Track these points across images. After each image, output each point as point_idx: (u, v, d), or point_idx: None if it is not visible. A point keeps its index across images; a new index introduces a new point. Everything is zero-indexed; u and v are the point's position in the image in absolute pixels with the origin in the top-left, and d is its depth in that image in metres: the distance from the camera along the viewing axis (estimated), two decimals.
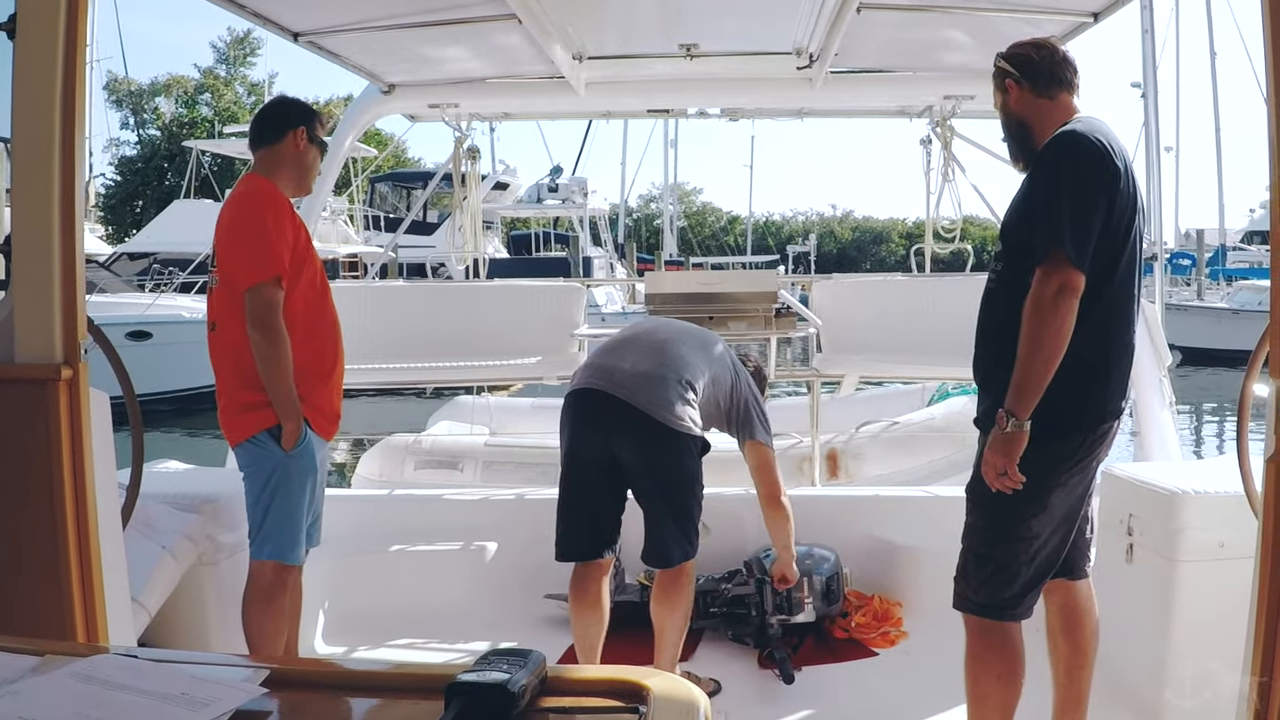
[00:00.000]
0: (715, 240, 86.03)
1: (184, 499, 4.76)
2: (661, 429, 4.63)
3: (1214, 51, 43.27)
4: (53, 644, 1.72)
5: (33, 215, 2.88)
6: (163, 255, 30.31)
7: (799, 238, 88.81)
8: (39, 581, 2.88)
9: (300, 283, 4.54)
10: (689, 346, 4.93)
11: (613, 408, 4.65)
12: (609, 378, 4.73)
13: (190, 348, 19.72)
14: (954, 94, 7.04)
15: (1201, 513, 4.34)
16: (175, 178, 50.78)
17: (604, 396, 4.68)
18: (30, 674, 1.55)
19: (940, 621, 4.40)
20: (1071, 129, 3.68)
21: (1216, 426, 23.26)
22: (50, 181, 2.86)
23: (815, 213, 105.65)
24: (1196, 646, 4.30)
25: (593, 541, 4.82)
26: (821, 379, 7.77)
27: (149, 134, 59.08)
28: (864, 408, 10.59)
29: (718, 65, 6.32)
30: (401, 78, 6.72)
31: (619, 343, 5.01)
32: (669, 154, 62.61)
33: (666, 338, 4.95)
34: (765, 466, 5.18)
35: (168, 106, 59.19)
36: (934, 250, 8.49)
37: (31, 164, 2.87)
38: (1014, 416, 3.56)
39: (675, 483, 4.74)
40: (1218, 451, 20.03)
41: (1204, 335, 30.97)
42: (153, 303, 23.31)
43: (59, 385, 2.86)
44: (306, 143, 4.72)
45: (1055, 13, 5.30)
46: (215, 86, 60.09)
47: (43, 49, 2.83)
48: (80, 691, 1.48)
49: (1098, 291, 3.59)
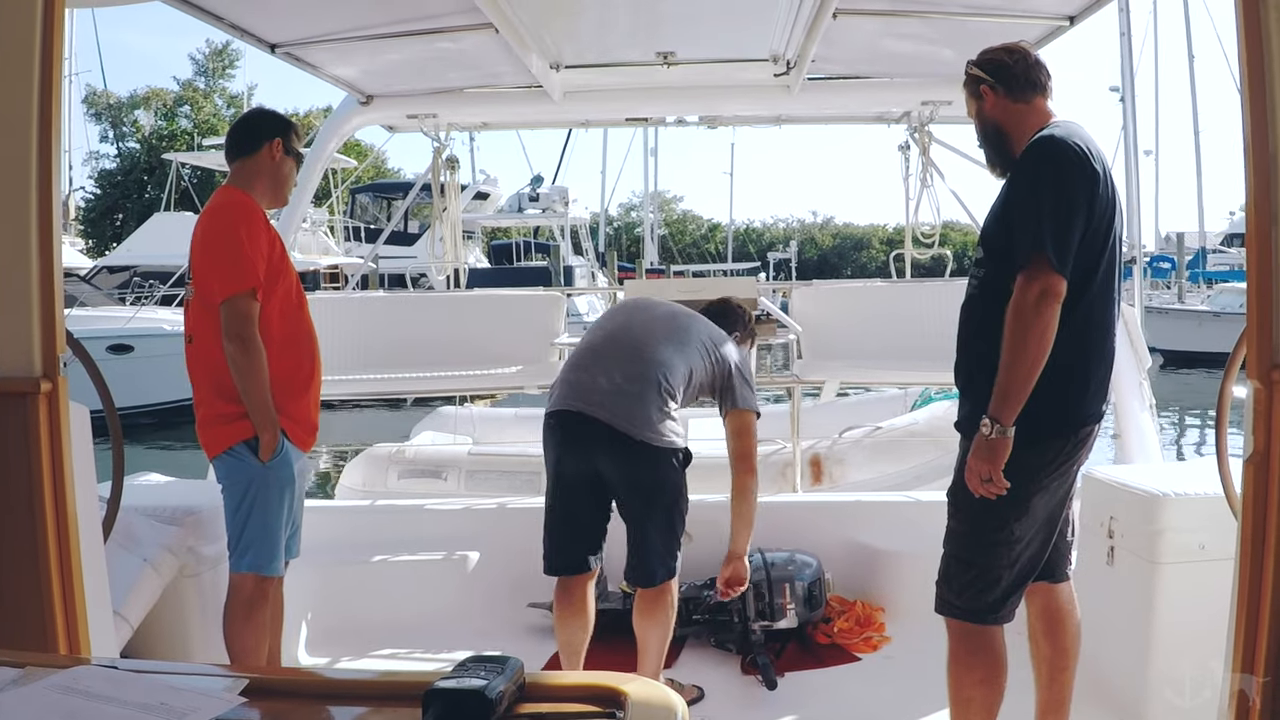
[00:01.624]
0: (696, 248, 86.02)
1: (165, 511, 4.75)
2: (642, 447, 4.62)
3: (1192, 54, 43.44)
4: (34, 655, 1.72)
5: (10, 228, 2.86)
6: (143, 268, 30.10)
7: (780, 245, 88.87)
8: (20, 595, 2.87)
9: (276, 295, 4.52)
10: (665, 345, 4.86)
11: (593, 430, 4.64)
12: (587, 398, 4.70)
13: (171, 360, 19.58)
14: (931, 99, 7.06)
15: (1182, 515, 4.36)
16: (155, 190, 50.65)
17: (583, 419, 4.66)
18: (11, 685, 1.55)
19: (922, 626, 4.41)
20: (1049, 133, 3.69)
21: (1197, 429, 23.32)
22: (28, 195, 2.83)
23: (796, 220, 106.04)
24: (1178, 648, 4.32)
25: (580, 553, 4.82)
26: (802, 385, 7.78)
27: (128, 147, 58.87)
28: (847, 413, 10.62)
29: (695, 73, 6.33)
30: (379, 88, 6.72)
31: (593, 354, 4.94)
32: (649, 162, 62.54)
33: (641, 340, 4.89)
34: (744, 431, 5.12)
35: (147, 119, 59.00)
36: (914, 256, 8.52)
37: (8, 177, 2.85)
38: (998, 422, 3.57)
39: (659, 499, 4.73)
40: (1197, 454, 20.13)
41: (1185, 338, 31.10)
42: (133, 316, 23.16)
43: (38, 399, 2.84)
44: (282, 154, 4.69)
45: (1032, 16, 5.32)
46: (194, 99, 59.92)
47: (18, 62, 2.81)
48: (61, 703, 1.49)
49: (1078, 296, 3.60)
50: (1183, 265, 40.84)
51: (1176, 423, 23.22)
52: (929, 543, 4.13)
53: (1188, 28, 48.86)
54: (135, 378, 18.80)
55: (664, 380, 4.72)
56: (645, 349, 4.83)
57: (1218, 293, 38.00)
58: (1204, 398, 25.94)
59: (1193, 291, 40.29)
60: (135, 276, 29.87)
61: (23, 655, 1.71)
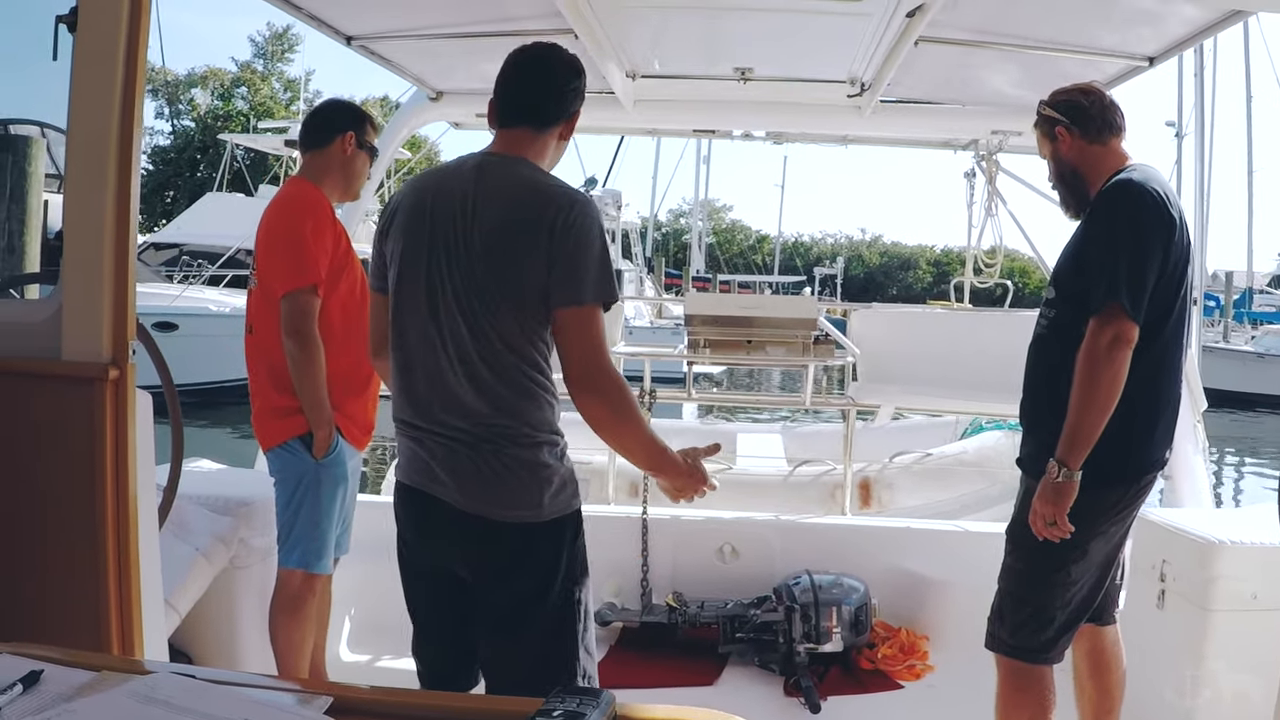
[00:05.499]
0: (743, 258, 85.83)
1: (217, 501, 4.73)
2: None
3: (1250, 94, 42.95)
4: (105, 658, 1.69)
5: (86, 209, 2.85)
6: (191, 247, 30.14)
7: (827, 260, 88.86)
8: (76, 581, 2.86)
9: (339, 291, 4.50)
10: (497, 312, 3.11)
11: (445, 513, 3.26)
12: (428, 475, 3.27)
13: (215, 341, 19.87)
14: (1001, 129, 7.00)
15: (1237, 563, 4.31)
16: (208, 170, 51.11)
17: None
18: (87, 691, 1.53)
19: (966, 657, 4.38)
20: (1128, 178, 3.67)
21: (1234, 470, 23.17)
22: (106, 176, 2.82)
23: (844, 235, 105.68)
24: (1226, 695, 4.29)
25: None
26: (857, 408, 7.74)
27: (183, 125, 59.44)
28: (897, 438, 10.56)
29: (769, 90, 6.28)
30: (451, 85, 6.70)
31: (411, 374, 3.26)
32: (701, 170, 62.34)
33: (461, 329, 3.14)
34: (584, 330, 3.14)
35: (203, 98, 59.55)
36: (974, 283, 8.47)
37: (88, 156, 2.84)
38: (1065, 466, 3.54)
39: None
40: (1234, 497, 19.95)
41: (1228, 378, 30.86)
42: (180, 295, 23.28)
43: (106, 385, 2.83)
44: (355, 148, 4.67)
45: (1112, 55, 5.26)
46: (252, 81, 60.40)
47: (104, 41, 2.79)
48: (142, 713, 1.46)
49: (1149, 342, 3.59)
50: (1230, 304, 40.61)
51: (1216, 462, 23.05)
52: (976, 574, 4.10)
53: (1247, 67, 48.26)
54: (179, 357, 18.61)
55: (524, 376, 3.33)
56: (472, 342, 4.27)
57: (1263, 334, 37.83)
58: (1243, 439, 25.88)
59: (1237, 331, 40.07)
60: (184, 255, 29.96)
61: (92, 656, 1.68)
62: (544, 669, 3.15)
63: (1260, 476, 22.77)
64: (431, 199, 3.17)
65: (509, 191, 3.11)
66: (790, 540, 6.03)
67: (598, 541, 3.26)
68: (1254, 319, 43.71)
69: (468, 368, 3.08)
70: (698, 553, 6.01)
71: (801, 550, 5.91)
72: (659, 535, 4.63)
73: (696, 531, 6.07)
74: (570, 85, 3.32)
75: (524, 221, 3.04)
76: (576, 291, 3.04)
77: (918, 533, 6.41)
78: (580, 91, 3.36)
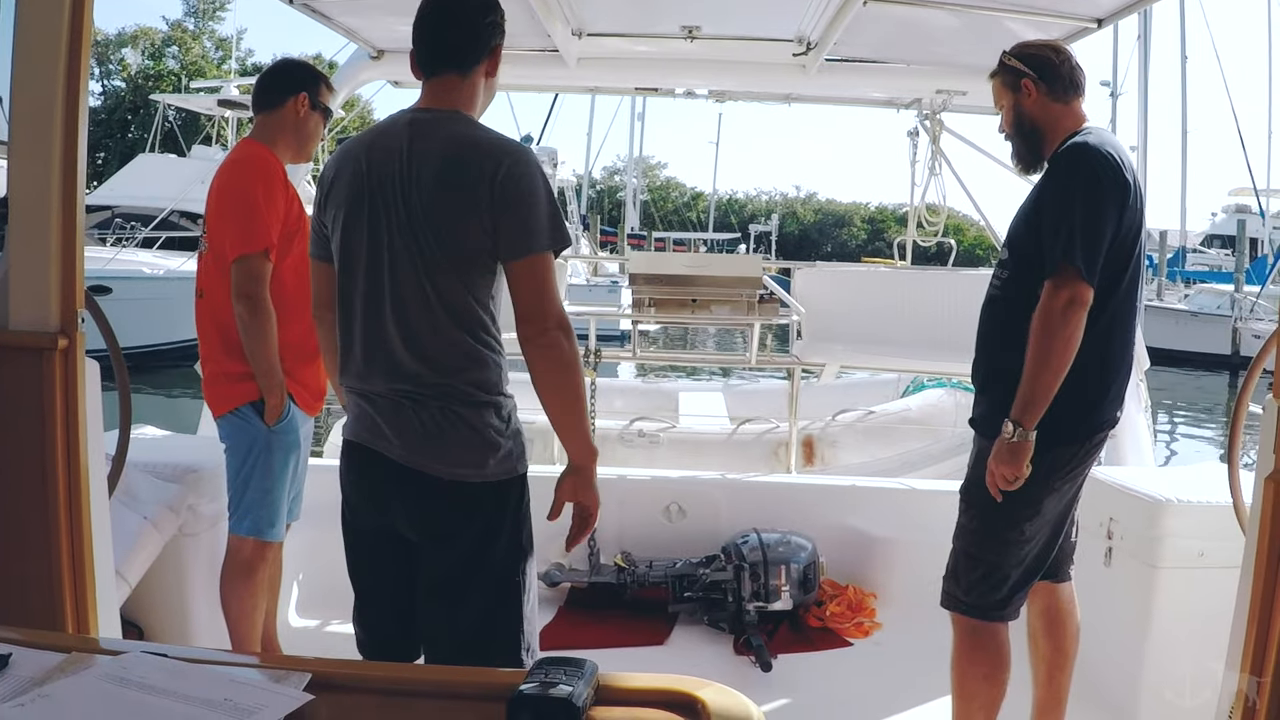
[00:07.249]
0: (677, 215, 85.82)
1: (165, 468, 4.66)
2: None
3: (1185, 55, 43.29)
4: (69, 638, 1.67)
5: (31, 176, 2.80)
6: (123, 209, 29.65)
7: (761, 217, 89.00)
8: (28, 554, 2.82)
9: (291, 256, 4.42)
10: (440, 272, 3.08)
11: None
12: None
13: (149, 304, 19.68)
14: (946, 88, 7.02)
15: (1183, 521, 4.36)
16: (139, 131, 50.31)
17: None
18: (58, 674, 1.50)
19: (913, 614, 4.43)
20: (1084, 140, 3.67)
21: (1167, 427, 23.48)
22: (51, 142, 2.78)
23: (779, 192, 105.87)
24: (1173, 651, 4.36)
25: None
26: (802, 366, 7.78)
27: (114, 85, 58.51)
28: (839, 396, 10.62)
29: (714, 48, 6.26)
30: (393, 44, 6.62)
31: (355, 338, 3.23)
32: (636, 127, 62.15)
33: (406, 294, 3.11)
34: (537, 277, 3.08)
35: (134, 58, 58.60)
36: (916, 241, 8.52)
37: (32, 122, 2.78)
38: (1020, 426, 3.57)
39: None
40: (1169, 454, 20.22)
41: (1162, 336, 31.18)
42: (113, 258, 22.93)
43: (55, 355, 2.79)
44: (308, 109, 4.58)
45: (1061, 16, 5.28)
46: (183, 40, 59.56)
47: (47, 4, 2.74)
48: (120, 696, 1.44)
49: (1103, 303, 3.61)
50: (1163, 263, 41.03)
51: (1151, 421, 23.31)
52: (923, 532, 4.13)
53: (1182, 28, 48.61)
54: (113, 321, 18.50)
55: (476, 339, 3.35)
56: (426, 310, 4.07)
57: (1196, 292, 38.27)
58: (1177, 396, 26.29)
59: (1171, 289, 40.51)
60: (116, 218, 29.50)
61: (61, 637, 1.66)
62: (487, 635, 3.15)
63: (1193, 434, 23.13)
64: (366, 164, 3.12)
65: (444, 149, 3.06)
66: (737, 499, 6.06)
67: (545, 502, 3.24)
68: (1187, 278, 44.20)
69: (410, 329, 3.06)
70: (645, 512, 6.04)
71: (749, 509, 5.94)
72: (605, 494, 4.57)
73: (643, 490, 6.09)
74: (486, 19, 3.25)
75: (462, 179, 3.01)
76: (526, 241, 3.01)
77: (864, 491, 6.45)
78: (498, 25, 3.29)
